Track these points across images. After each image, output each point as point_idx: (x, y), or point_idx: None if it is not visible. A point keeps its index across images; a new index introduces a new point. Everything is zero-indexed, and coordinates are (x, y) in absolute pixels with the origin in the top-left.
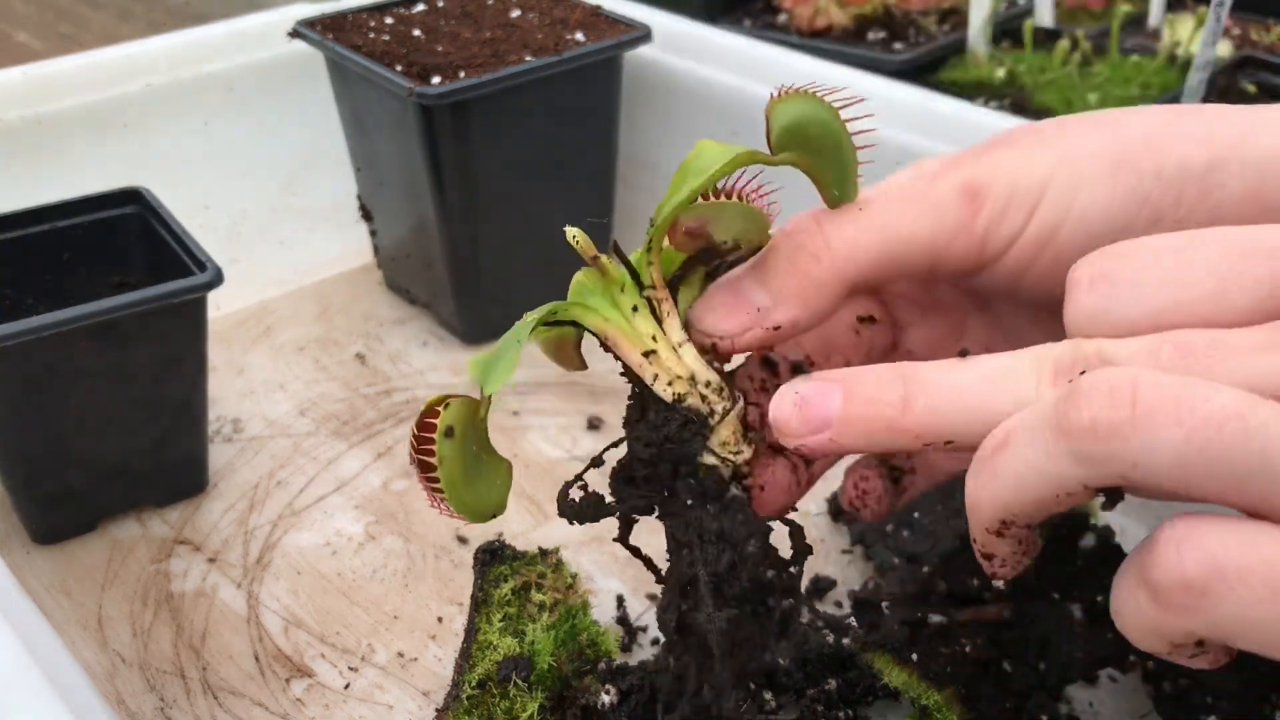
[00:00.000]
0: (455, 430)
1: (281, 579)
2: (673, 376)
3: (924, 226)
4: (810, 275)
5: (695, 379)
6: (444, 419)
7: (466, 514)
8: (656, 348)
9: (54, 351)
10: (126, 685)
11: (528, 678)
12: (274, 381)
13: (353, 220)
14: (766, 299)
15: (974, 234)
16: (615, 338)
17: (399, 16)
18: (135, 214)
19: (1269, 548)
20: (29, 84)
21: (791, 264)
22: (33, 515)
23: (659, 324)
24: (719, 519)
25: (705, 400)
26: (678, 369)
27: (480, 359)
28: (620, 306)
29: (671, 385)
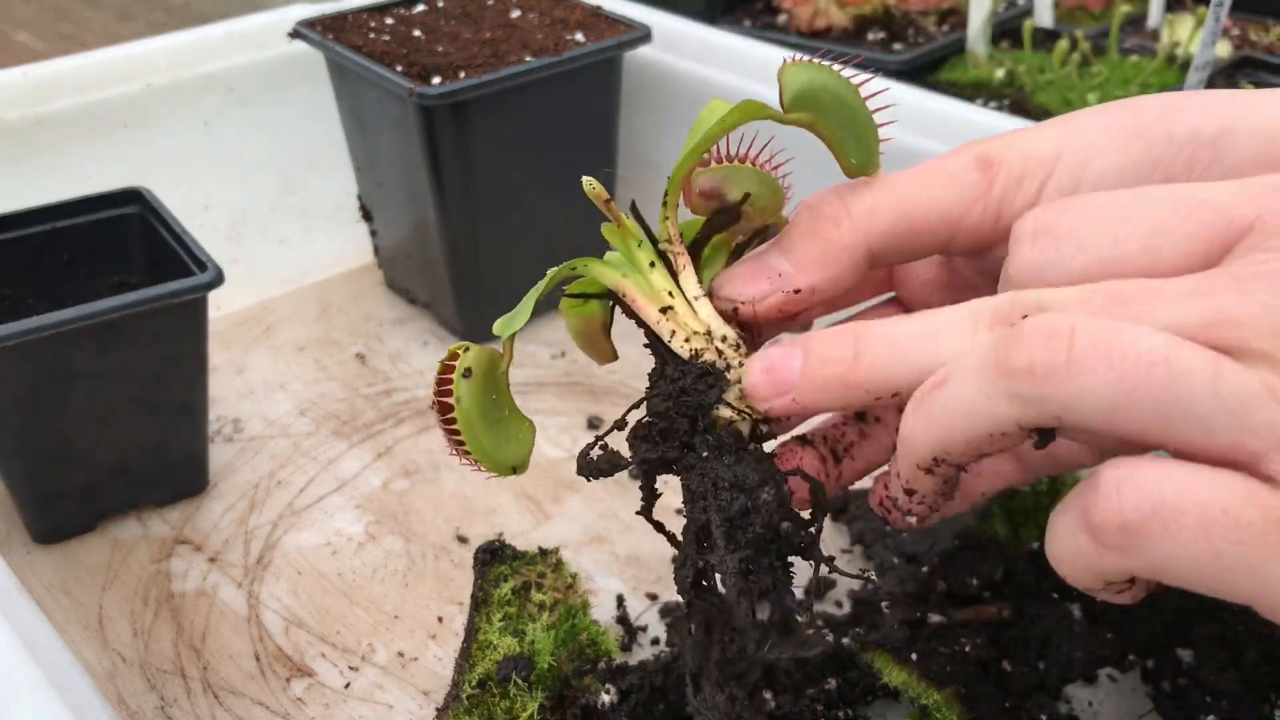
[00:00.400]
0: (474, 372)
1: (282, 579)
2: (689, 332)
3: (941, 195)
4: (830, 240)
5: (712, 333)
6: (463, 361)
7: (485, 462)
8: (673, 303)
9: (54, 351)
10: (127, 685)
11: (528, 677)
12: (274, 381)
13: (353, 220)
14: (787, 265)
15: (989, 203)
16: (632, 294)
17: (399, 17)
18: (136, 214)
19: (1200, 488)
20: (29, 84)
21: (811, 230)
22: (33, 515)
23: (675, 279)
24: (734, 469)
25: (722, 355)
26: (694, 324)
27: (504, 318)
28: (637, 262)
29: (689, 341)
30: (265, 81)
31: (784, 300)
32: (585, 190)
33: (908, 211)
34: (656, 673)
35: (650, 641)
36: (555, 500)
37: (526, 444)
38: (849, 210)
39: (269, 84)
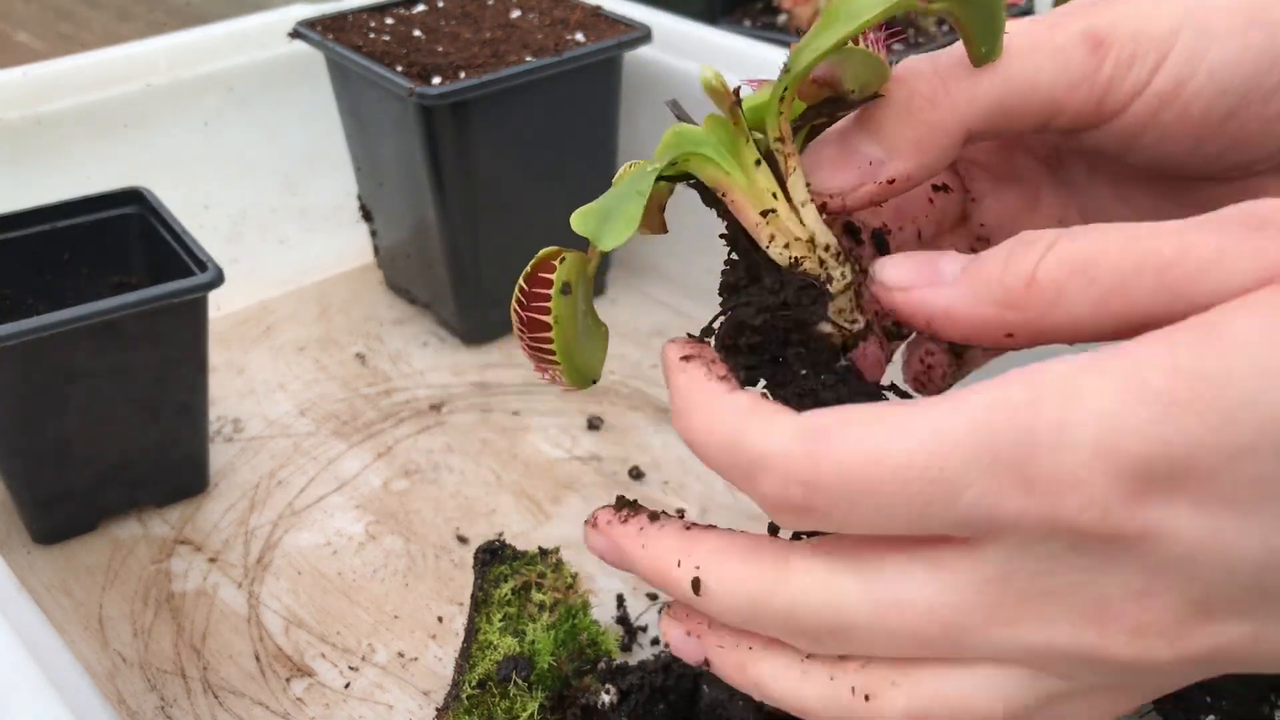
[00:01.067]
0: (572, 287)
1: (282, 579)
2: (790, 238)
3: (1046, 74)
4: (928, 123)
5: (815, 242)
6: (560, 273)
7: (574, 380)
8: (775, 206)
9: (54, 352)
10: (127, 685)
11: (528, 677)
12: (274, 381)
13: (353, 220)
14: (880, 151)
15: (1096, 85)
16: (733, 193)
17: (399, 17)
18: (136, 214)
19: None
20: (29, 84)
21: (907, 111)
22: (34, 515)
23: (782, 181)
24: (835, 390)
25: (824, 265)
26: (797, 230)
27: (589, 209)
28: (742, 160)
29: (789, 248)
30: (265, 82)
31: (876, 191)
32: (706, 82)
33: (1011, 90)
34: (657, 673)
35: (650, 641)
36: (555, 500)
37: (603, 351)
38: (948, 88)
39: (269, 84)
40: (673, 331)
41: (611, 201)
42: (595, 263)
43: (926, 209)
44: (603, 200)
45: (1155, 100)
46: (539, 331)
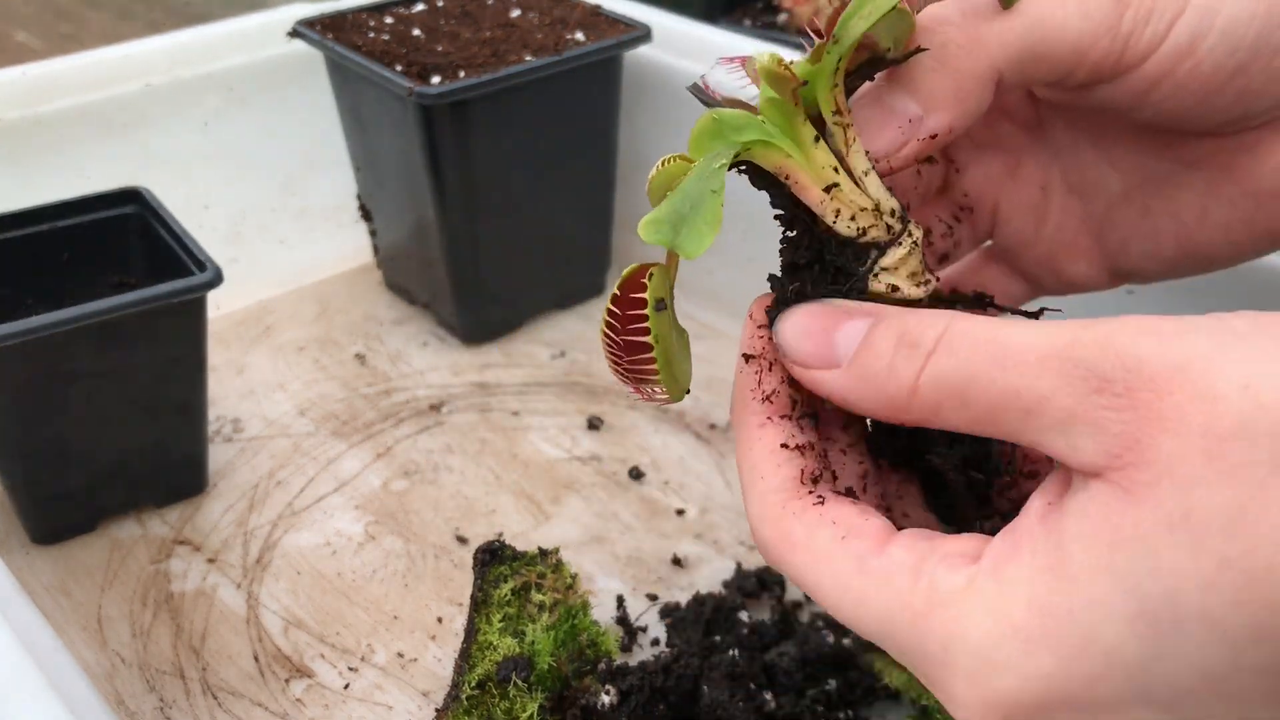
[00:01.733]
0: (666, 302)
1: (281, 579)
2: (856, 210)
3: (1073, 21)
4: (963, 70)
5: (880, 209)
6: (652, 290)
7: (675, 392)
8: (839, 180)
9: (53, 351)
10: (126, 685)
11: (528, 678)
12: (274, 381)
13: (353, 220)
14: (917, 106)
15: (1118, 36)
16: (795, 174)
17: (399, 16)
18: (135, 214)
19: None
20: (29, 83)
21: (941, 62)
22: (32, 515)
23: (841, 156)
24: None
25: (890, 230)
26: (862, 201)
27: (659, 217)
28: (801, 140)
29: (855, 219)
30: (265, 81)
31: (920, 148)
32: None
33: (1042, 37)
34: (657, 673)
35: (650, 642)
36: (555, 500)
37: (690, 358)
38: (980, 34)
39: (268, 84)
40: None
41: (682, 204)
42: (675, 271)
43: (914, 180)
44: (670, 204)
45: (1172, 54)
46: (638, 354)
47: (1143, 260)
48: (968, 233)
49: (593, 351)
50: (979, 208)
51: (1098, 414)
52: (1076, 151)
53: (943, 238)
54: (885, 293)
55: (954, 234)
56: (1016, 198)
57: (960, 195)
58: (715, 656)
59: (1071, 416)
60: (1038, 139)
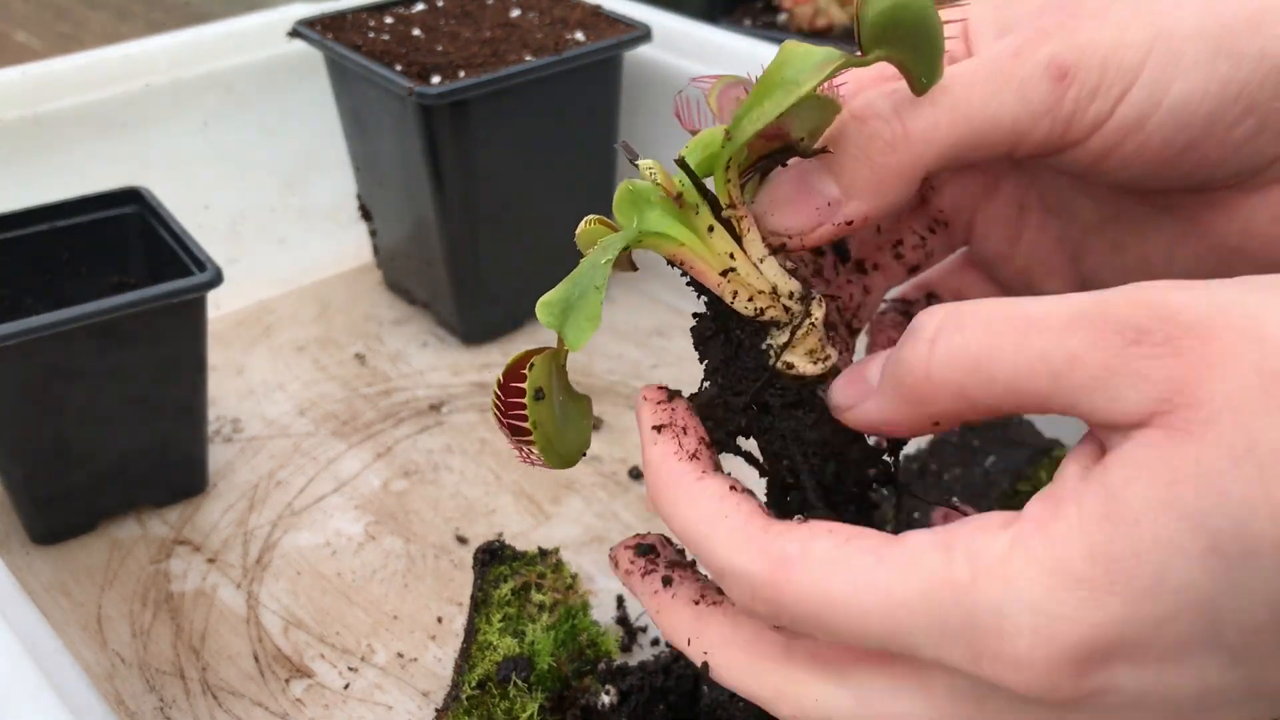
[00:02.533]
0: (545, 391)
1: (281, 579)
2: (753, 292)
3: (1008, 109)
4: (887, 166)
5: (777, 291)
6: (532, 380)
7: (557, 463)
8: (735, 264)
9: (53, 351)
10: (126, 685)
11: (527, 678)
12: (273, 382)
13: (352, 220)
14: (836, 192)
15: (1059, 117)
16: (690, 261)
17: (399, 16)
18: (135, 214)
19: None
20: (28, 84)
21: (865, 154)
22: (32, 515)
23: (738, 242)
24: (817, 429)
25: (789, 310)
26: (759, 284)
27: (552, 300)
28: (695, 228)
29: (752, 300)
30: (264, 81)
31: (834, 232)
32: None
33: (972, 129)
34: (657, 673)
35: (650, 642)
36: (555, 500)
37: (588, 422)
38: (907, 130)
39: (268, 83)
40: (673, 330)
41: (571, 292)
42: (564, 354)
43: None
44: (563, 289)
45: (1117, 132)
46: (520, 435)
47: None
48: (942, 243)
49: (593, 351)
50: (954, 222)
51: (1138, 364)
52: (1054, 177)
53: (914, 249)
54: (783, 370)
55: (926, 245)
56: (992, 213)
57: (935, 210)
58: None
59: (1109, 371)
60: (1016, 162)
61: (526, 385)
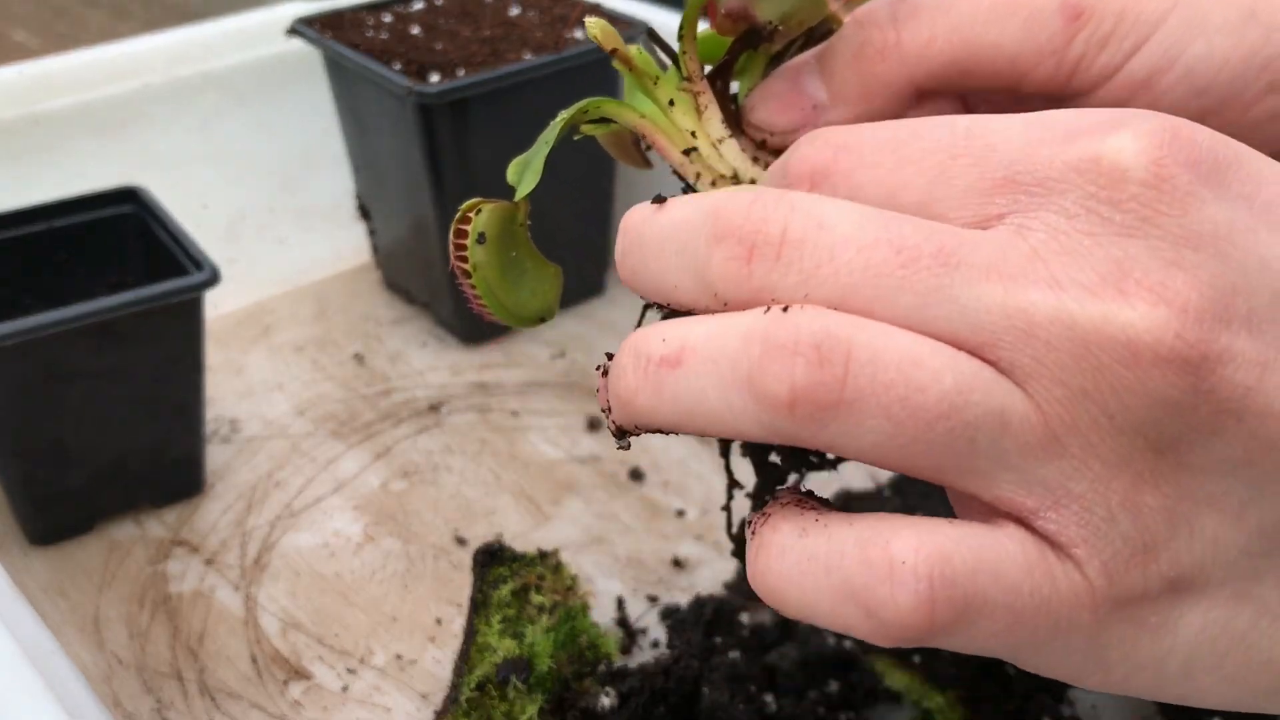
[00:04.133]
0: (488, 236)
1: (279, 580)
2: (715, 175)
3: (1010, 38)
4: (875, 75)
5: (739, 177)
6: (475, 225)
7: (508, 319)
8: (697, 144)
9: (50, 351)
10: (123, 687)
11: (527, 680)
12: (272, 382)
13: (351, 219)
14: (824, 95)
15: (1065, 60)
16: (652, 134)
17: (397, 14)
18: (132, 213)
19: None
20: (26, 82)
21: (857, 60)
22: (29, 516)
23: (698, 118)
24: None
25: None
26: (720, 167)
27: (518, 160)
28: (657, 100)
29: (715, 185)
30: (263, 80)
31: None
32: (590, 34)
33: (970, 52)
34: (657, 675)
35: (650, 644)
36: (554, 501)
37: (552, 292)
38: (900, 41)
39: (266, 82)
40: None
41: (531, 153)
42: (524, 211)
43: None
44: (530, 150)
45: (1125, 87)
46: (464, 277)
47: None
48: None
49: (593, 351)
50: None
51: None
52: None
53: None
54: None
55: None
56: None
57: None
58: (716, 658)
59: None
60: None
61: (470, 229)
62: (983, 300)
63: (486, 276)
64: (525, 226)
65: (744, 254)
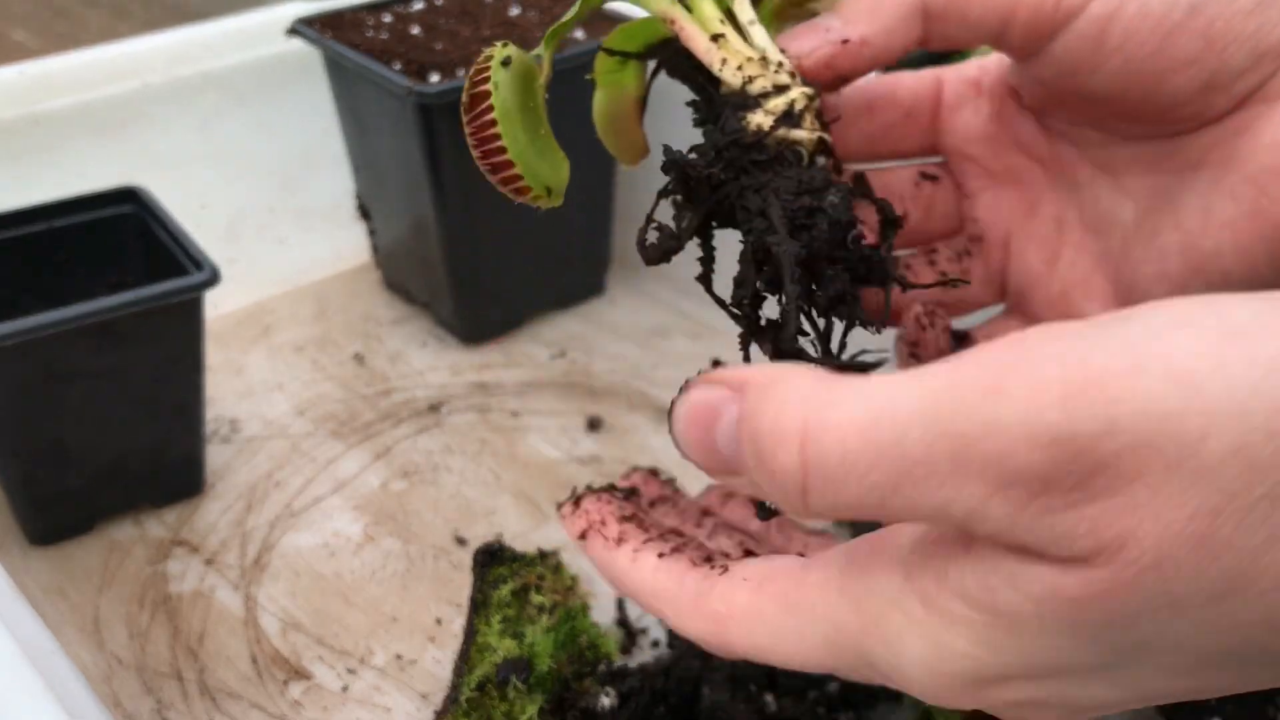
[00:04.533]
0: (513, 62)
1: (279, 580)
2: (742, 59)
3: None
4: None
5: (767, 59)
6: (500, 52)
7: (523, 168)
8: (724, 30)
9: (50, 351)
10: (123, 687)
11: (527, 680)
12: (272, 382)
13: (351, 219)
14: (840, 24)
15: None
16: (681, 23)
17: (398, 14)
18: (132, 213)
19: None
20: (26, 82)
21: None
22: (29, 516)
23: (728, 7)
24: (798, 176)
25: (777, 86)
26: (747, 50)
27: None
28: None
29: (741, 68)
30: (263, 80)
31: (832, 52)
32: None
33: None
34: (657, 675)
35: (650, 644)
36: (554, 501)
37: (563, 171)
38: None
39: (267, 82)
40: (673, 331)
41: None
42: (547, 73)
43: (913, 193)
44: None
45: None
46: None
47: (1153, 285)
48: (980, 266)
49: (593, 351)
50: (990, 237)
51: (1050, 519)
52: (1093, 185)
53: (949, 261)
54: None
55: (962, 262)
56: (1030, 230)
57: (971, 223)
58: (716, 658)
59: (1017, 525)
60: (1053, 175)
61: (495, 54)
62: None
63: (505, 100)
64: (544, 92)
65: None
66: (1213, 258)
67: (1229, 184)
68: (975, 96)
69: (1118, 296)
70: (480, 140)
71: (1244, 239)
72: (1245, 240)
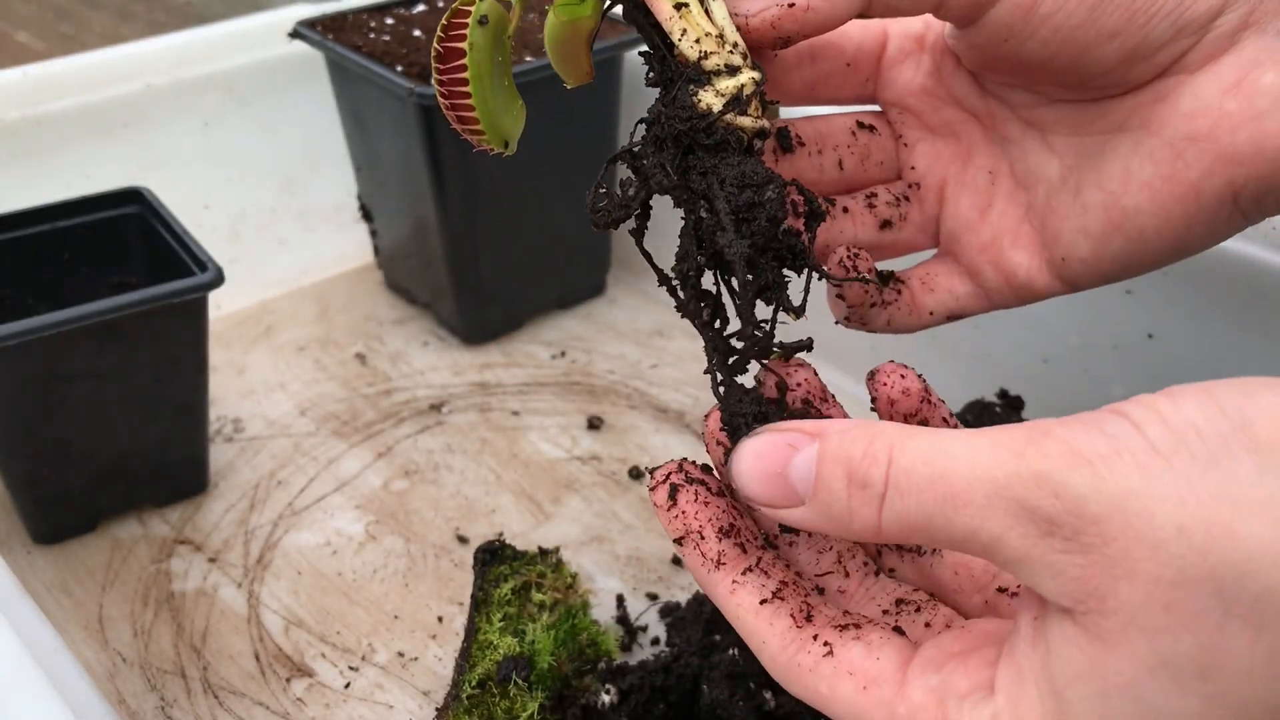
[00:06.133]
0: (490, 20)
1: (282, 579)
2: (701, 33)
3: None
4: None
5: (724, 38)
6: (478, 9)
7: (486, 123)
8: (688, 1)
9: (54, 351)
10: (127, 685)
11: (528, 677)
12: (274, 381)
13: (353, 220)
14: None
15: None
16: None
17: (399, 17)
18: (136, 214)
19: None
20: (30, 84)
21: None
22: (33, 515)
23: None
24: (740, 166)
25: (730, 66)
26: (707, 26)
27: None
28: None
29: (699, 42)
30: (265, 81)
31: (779, 14)
32: None
33: None
34: (657, 673)
35: (650, 641)
36: (555, 500)
37: (520, 121)
38: None
39: (269, 84)
40: (673, 331)
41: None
42: (515, 21)
43: (849, 140)
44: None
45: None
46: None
47: (1076, 239)
48: (915, 211)
49: (593, 351)
50: (926, 184)
51: (1053, 558)
52: (1023, 141)
53: (888, 205)
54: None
55: (900, 207)
56: (964, 179)
57: (908, 170)
58: (715, 655)
59: (1027, 558)
60: (987, 130)
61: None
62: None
63: (479, 62)
64: (511, 41)
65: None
66: (1131, 216)
67: (1149, 147)
68: (918, 52)
69: (1044, 247)
70: (450, 94)
71: (1161, 199)
72: (1162, 200)
